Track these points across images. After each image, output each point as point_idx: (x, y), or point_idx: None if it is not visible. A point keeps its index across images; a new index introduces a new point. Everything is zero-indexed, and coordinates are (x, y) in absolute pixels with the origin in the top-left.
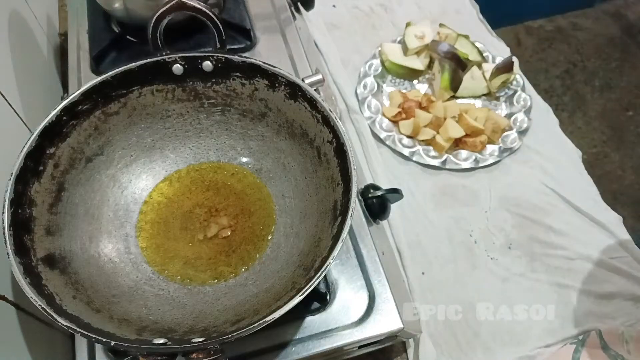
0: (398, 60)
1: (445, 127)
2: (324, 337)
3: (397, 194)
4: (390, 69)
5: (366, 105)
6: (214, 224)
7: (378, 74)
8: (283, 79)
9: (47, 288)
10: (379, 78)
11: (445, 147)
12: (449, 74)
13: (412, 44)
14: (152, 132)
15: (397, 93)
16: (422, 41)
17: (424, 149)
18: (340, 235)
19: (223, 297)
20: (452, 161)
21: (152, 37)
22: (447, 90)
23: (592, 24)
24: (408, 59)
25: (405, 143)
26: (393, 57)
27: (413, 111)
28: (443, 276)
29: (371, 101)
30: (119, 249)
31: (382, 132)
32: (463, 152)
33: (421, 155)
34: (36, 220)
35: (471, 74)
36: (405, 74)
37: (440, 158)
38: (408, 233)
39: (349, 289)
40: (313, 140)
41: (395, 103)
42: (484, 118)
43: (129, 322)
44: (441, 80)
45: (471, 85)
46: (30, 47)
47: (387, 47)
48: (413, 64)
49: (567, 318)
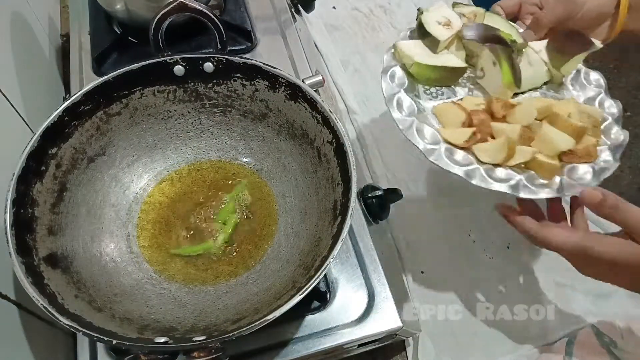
0: (428, 60)
1: (545, 138)
2: (324, 336)
3: (396, 194)
4: (420, 75)
5: (415, 132)
6: (215, 224)
7: (407, 87)
8: (283, 80)
9: (49, 287)
10: (409, 92)
11: (556, 167)
12: (508, 64)
13: (440, 34)
14: (154, 132)
15: (448, 107)
16: (451, 29)
17: (527, 177)
18: (340, 234)
19: (224, 296)
20: (570, 184)
21: (154, 38)
22: (511, 87)
23: None
24: (441, 56)
25: (498, 176)
26: (420, 57)
27: (488, 126)
28: (442, 276)
29: (422, 127)
30: (120, 248)
31: (457, 167)
32: (580, 167)
33: (530, 188)
34: (38, 220)
35: (527, 59)
36: (442, 78)
37: (553, 185)
38: (407, 233)
39: (348, 288)
40: (313, 141)
41: (454, 121)
42: (577, 113)
43: (130, 321)
44: (502, 75)
45: (531, 74)
46: (32, 48)
47: (404, 46)
48: (451, 62)
49: (566, 317)
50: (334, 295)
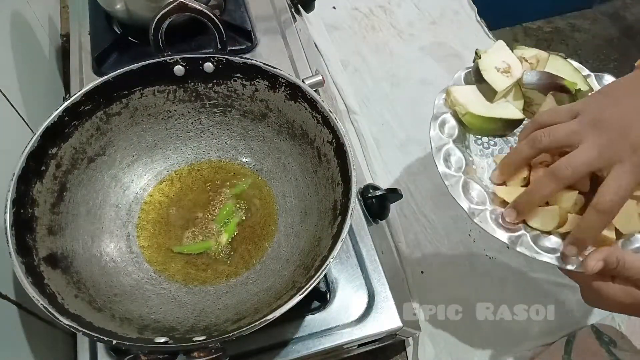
0: (484, 111)
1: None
2: (324, 336)
3: (396, 194)
4: (473, 125)
5: (461, 190)
6: (214, 224)
7: (456, 137)
8: (283, 80)
9: (49, 287)
10: (459, 142)
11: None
12: None
13: (500, 82)
14: (154, 132)
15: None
16: (511, 76)
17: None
18: (340, 234)
19: (224, 296)
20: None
21: (154, 38)
22: None
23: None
24: (497, 105)
25: (546, 245)
26: (474, 107)
27: None
28: (442, 275)
29: (468, 185)
30: (120, 248)
31: (504, 232)
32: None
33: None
34: (38, 219)
35: None
36: (497, 129)
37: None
38: (407, 233)
39: (348, 288)
40: (313, 141)
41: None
42: None
43: (130, 321)
44: None
45: None
46: (32, 48)
47: (458, 92)
48: (508, 113)
49: (566, 317)
50: (334, 295)
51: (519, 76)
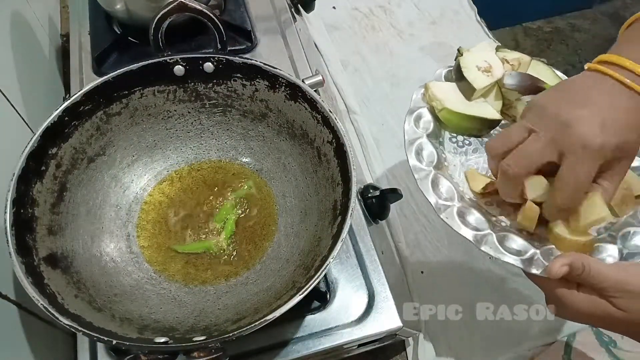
0: (461, 108)
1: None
2: (324, 336)
3: (396, 194)
4: (449, 122)
5: (430, 185)
6: (215, 223)
7: (430, 132)
8: (283, 80)
9: (49, 287)
10: (433, 138)
11: (577, 244)
12: None
13: (479, 81)
14: (154, 132)
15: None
16: (491, 75)
17: (543, 251)
18: (340, 234)
19: (224, 296)
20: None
21: (154, 38)
22: None
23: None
24: (475, 104)
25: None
26: (452, 103)
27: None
28: (442, 275)
29: (438, 180)
30: (120, 248)
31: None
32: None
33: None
34: (38, 219)
35: None
36: (473, 128)
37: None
38: (407, 233)
39: (348, 288)
40: (313, 141)
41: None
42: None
43: (130, 321)
44: None
45: None
46: (32, 48)
47: (436, 88)
48: (486, 112)
49: None
50: (334, 295)
51: (499, 76)
